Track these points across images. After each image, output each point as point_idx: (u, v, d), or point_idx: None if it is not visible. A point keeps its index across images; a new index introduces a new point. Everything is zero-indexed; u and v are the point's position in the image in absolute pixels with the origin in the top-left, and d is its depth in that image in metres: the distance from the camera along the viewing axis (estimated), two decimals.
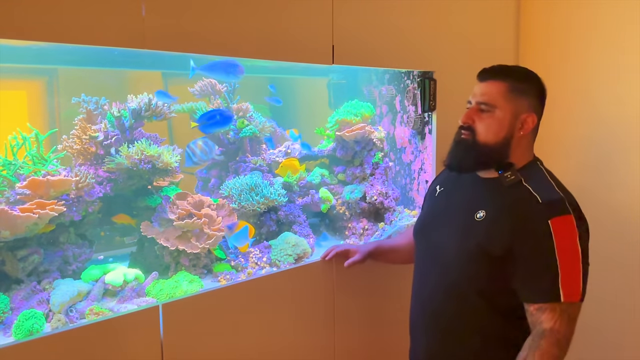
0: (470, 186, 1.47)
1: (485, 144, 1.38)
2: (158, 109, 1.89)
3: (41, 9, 1.26)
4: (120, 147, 1.82)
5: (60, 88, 2.06)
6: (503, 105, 1.38)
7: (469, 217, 1.39)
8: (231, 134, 2.23)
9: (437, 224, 1.52)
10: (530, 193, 1.31)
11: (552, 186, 1.34)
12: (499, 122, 1.38)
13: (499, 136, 1.38)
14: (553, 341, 1.23)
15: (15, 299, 1.52)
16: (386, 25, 2.03)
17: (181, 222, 1.77)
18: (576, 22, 2.48)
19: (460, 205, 1.46)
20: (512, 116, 1.38)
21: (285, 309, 1.78)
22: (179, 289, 1.66)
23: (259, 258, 1.93)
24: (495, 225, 1.33)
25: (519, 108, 1.39)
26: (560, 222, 1.25)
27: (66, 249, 1.69)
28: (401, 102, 2.44)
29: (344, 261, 1.81)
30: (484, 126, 1.39)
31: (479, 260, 1.34)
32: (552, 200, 1.29)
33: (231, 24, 1.60)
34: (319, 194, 2.29)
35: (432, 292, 1.48)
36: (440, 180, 1.64)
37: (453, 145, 1.47)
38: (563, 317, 1.24)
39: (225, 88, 2.22)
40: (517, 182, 1.35)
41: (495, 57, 2.52)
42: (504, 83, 1.38)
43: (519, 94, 1.39)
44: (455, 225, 1.44)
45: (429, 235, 1.53)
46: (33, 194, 1.60)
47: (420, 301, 1.55)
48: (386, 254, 1.86)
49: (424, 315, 1.52)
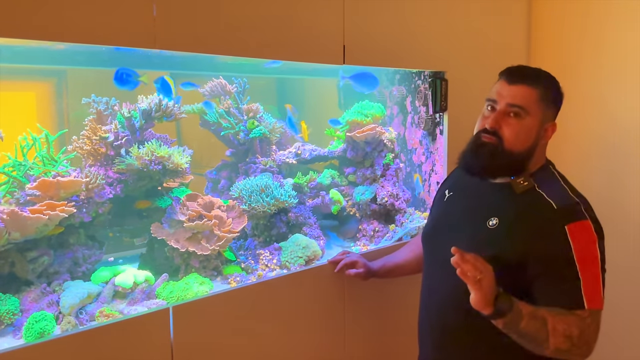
0: (481, 191, 1.41)
1: (510, 151, 1.31)
2: (168, 109, 1.88)
3: (52, 9, 1.25)
4: (130, 148, 1.81)
5: (69, 89, 2.05)
6: (535, 112, 1.31)
7: (481, 224, 1.34)
8: (241, 135, 2.22)
9: (447, 230, 1.46)
10: (545, 199, 1.26)
11: (566, 191, 1.29)
12: (528, 129, 1.31)
13: (526, 145, 1.32)
14: (580, 325, 1.17)
15: (25, 301, 1.51)
16: (397, 25, 2.01)
17: (191, 223, 1.76)
18: (588, 21, 2.45)
19: (471, 211, 1.41)
20: (540, 125, 1.33)
21: (296, 311, 1.76)
22: (189, 291, 1.64)
23: (269, 260, 1.91)
24: (509, 233, 1.28)
25: (546, 117, 1.34)
26: (578, 228, 1.21)
27: (76, 251, 1.68)
28: (412, 103, 2.42)
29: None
30: (513, 132, 1.31)
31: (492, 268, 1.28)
32: (567, 205, 1.25)
33: (242, 24, 1.58)
34: (329, 195, 2.27)
35: (441, 301, 1.43)
36: (449, 184, 1.58)
37: (472, 147, 1.37)
38: (592, 323, 1.19)
39: (235, 89, 2.20)
40: (530, 188, 1.30)
41: (506, 57, 2.50)
42: (537, 90, 1.31)
43: (548, 103, 1.33)
44: (466, 232, 1.38)
45: (438, 242, 1.47)
46: (43, 195, 1.59)
47: (428, 310, 1.50)
48: (391, 271, 1.82)
49: (431, 325, 1.47)
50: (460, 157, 1.41)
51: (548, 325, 1.17)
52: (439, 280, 1.45)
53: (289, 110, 2.21)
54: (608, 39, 2.37)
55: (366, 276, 1.78)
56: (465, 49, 2.28)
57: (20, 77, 1.96)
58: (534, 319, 1.17)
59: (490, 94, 1.37)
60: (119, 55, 1.72)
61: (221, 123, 2.20)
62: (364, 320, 1.97)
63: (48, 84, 2.04)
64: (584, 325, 1.18)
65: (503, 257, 1.26)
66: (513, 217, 1.29)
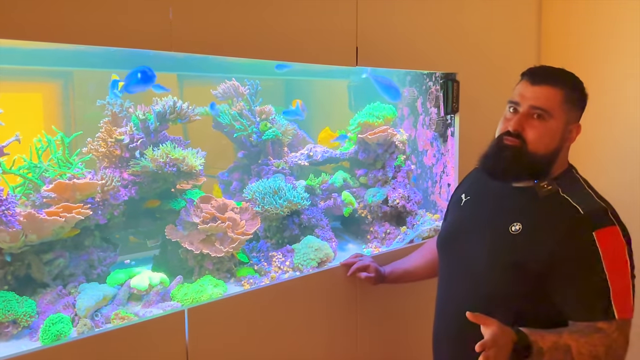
0: (501, 195, 1.37)
1: (534, 154, 1.27)
2: (183, 111, 1.88)
3: (68, 12, 1.25)
4: (145, 150, 1.81)
5: (75, 90, 2.05)
6: (559, 114, 1.27)
7: (503, 229, 1.29)
8: (254, 137, 2.22)
9: (466, 236, 1.40)
10: (570, 204, 1.22)
11: (592, 196, 1.25)
12: (552, 132, 1.27)
13: (550, 147, 1.28)
14: (606, 342, 1.13)
15: (41, 303, 1.51)
16: (409, 27, 2.01)
17: (205, 225, 1.76)
18: (599, 21, 2.44)
19: (491, 216, 1.36)
20: (564, 127, 1.29)
21: (309, 314, 1.76)
22: (204, 293, 1.64)
23: (282, 262, 1.91)
24: (533, 239, 1.23)
25: (570, 119, 1.30)
26: (606, 234, 1.16)
27: (91, 253, 1.68)
28: (423, 104, 2.42)
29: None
30: (537, 135, 1.26)
31: (514, 276, 1.25)
32: (595, 210, 1.20)
33: (256, 27, 1.58)
34: (341, 197, 2.27)
35: (459, 308, 1.34)
36: (464, 187, 1.54)
37: (495, 150, 1.33)
38: (620, 335, 1.14)
39: (247, 90, 2.20)
40: (554, 192, 1.26)
41: (517, 59, 2.50)
42: (561, 91, 1.27)
43: (572, 104, 1.29)
44: (486, 237, 1.33)
45: (456, 249, 1.42)
46: (59, 197, 1.59)
47: (444, 319, 1.45)
48: (400, 277, 1.78)
49: (448, 334, 1.43)
50: (482, 160, 1.37)
51: (572, 351, 1.13)
52: (455, 288, 1.41)
53: (298, 104, 2.21)
54: (621, 39, 2.35)
55: (376, 281, 1.75)
56: (477, 50, 2.28)
57: (26, 79, 1.97)
58: (557, 350, 1.13)
59: (513, 96, 1.33)
60: (129, 57, 1.72)
61: (234, 125, 2.20)
62: (376, 323, 1.97)
63: (54, 85, 2.04)
64: (609, 341, 1.14)
65: (526, 265, 1.22)
66: (537, 223, 1.25)
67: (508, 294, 1.26)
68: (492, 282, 1.29)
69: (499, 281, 1.28)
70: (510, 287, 1.26)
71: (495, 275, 1.28)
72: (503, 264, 1.27)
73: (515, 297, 1.26)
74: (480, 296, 1.32)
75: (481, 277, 1.31)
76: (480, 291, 1.32)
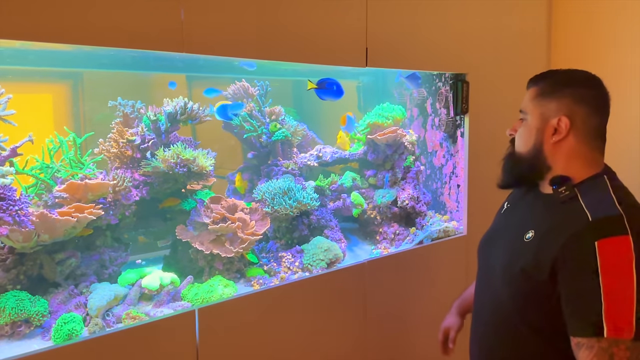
0: (530, 203, 1.33)
1: (519, 155, 1.30)
2: (193, 112, 1.88)
3: (81, 13, 1.26)
4: (156, 151, 1.82)
5: (85, 91, 2.06)
6: (532, 110, 1.27)
7: (519, 237, 1.25)
8: (264, 138, 2.22)
9: (494, 242, 1.38)
10: (583, 210, 1.13)
11: (611, 201, 1.13)
12: (528, 129, 1.27)
13: (528, 145, 1.27)
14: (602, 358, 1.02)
15: (53, 303, 1.52)
16: (419, 28, 2.01)
17: (216, 225, 1.76)
18: (611, 21, 2.42)
19: (514, 224, 1.33)
20: (540, 121, 1.25)
21: (318, 314, 1.76)
22: (214, 293, 1.65)
23: (291, 263, 1.91)
24: (541, 246, 1.18)
25: (545, 112, 1.24)
26: (611, 244, 1.05)
27: (102, 253, 1.69)
28: (432, 105, 2.41)
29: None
30: (518, 135, 1.30)
31: (523, 284, 1.20)
32: (604, 218, 1.09)
33: (267, 28, 1.59)
34: (350, 198, 2.27)
35: (482, 312, 1.37)
36: (511, 195, 1.50)
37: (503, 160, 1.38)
38: (602, 357, 1.02)
39: (257, 91, 2.21)
40: (572, 198, 1.19)
41: (527, 60, 2.49)
42: (536, 87, 1.28)
43: (548, 96, 1.24)
44: (506, 245, 1.30)
45: (487, 254, 1.41)
46: (71, 198, 1.61)
47: (476, 319, 1.43)
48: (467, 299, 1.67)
49: (474, 337, 1.42)
50: None
51: None
52: (482, 293, 1.41)
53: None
54: (633, 39, 2.34)
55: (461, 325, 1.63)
56: (487, 51, 2.27)
57: (37, 80, 1.98)
58: None
59: None
60: (138, 58, 1.73)
61: (244, 126, 2.21)
62: (385, 323, 1.97)
63: (64, 86, 2.05)
64: (605, 357, 1.02)
65: (533, 273, 1.18)
66: (548, 229, 1.20)
67: (516, 303, 1.23)
68: (504, 291, 1.26)
69: (509, 290, 1.25)
70: (518, 296, 1.22)
71: (506, 284, 1.25)
72: (512, 272, 1.23)
73: (523, 307, 1.22)
74: (496, 304, 1.30)
75: (497, 285, 1.30)
76: (495, 299, 1.30)
